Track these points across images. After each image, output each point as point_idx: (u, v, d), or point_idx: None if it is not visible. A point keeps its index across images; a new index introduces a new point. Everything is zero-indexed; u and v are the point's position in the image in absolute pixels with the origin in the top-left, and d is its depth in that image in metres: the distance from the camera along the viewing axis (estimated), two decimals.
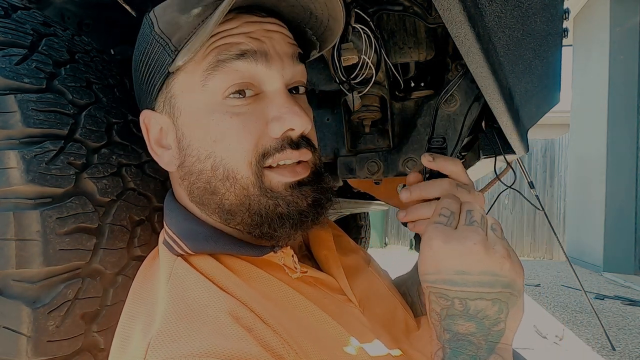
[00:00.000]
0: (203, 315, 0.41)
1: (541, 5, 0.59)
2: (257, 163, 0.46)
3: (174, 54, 0.45)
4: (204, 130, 0.47)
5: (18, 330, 0.46)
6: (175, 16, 0.46)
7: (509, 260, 0.42)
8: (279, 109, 0.46)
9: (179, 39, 0.45)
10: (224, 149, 0.46)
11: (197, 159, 0.47)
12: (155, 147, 0.51)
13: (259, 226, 0.48)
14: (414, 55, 0.70)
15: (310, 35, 0.54)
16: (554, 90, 0.92)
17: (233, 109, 0.46)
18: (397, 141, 0.77)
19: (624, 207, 4.49)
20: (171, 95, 0.48)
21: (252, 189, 0.47)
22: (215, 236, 0.49)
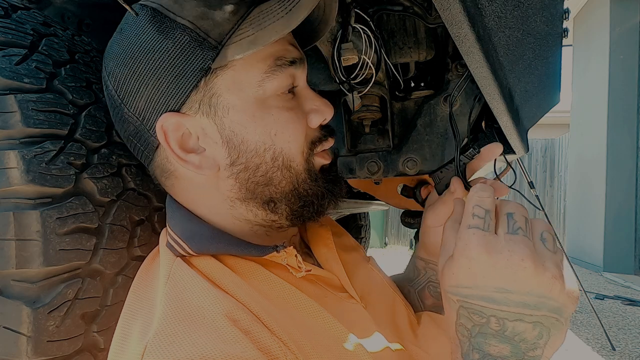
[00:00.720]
0: (200, 317, 0.41)
1: (541, 5, 0.59)
2: (309, 151, 0.52)
3: (217, 49, 0.44)
4: (262, 126, 0.48)
5: (18, 330, 0.46)
6: (205, 11, 0.45)
7: (560, 281, 0.37)
8: (314, 103, 0.52)
9: (219, 34, 0.44)
10: (284, 140, 0.49)
11: (255, 154, 0.48)
12: (180, 152, 0.47)
13: (306, 206, 0.52)
14: (414, 55, 0.70)
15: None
16: (554, 90, 0.92)
17: (286, 104, 0.49)
18: (397, 141, 0.77)
19: (624, 207, 4.49)
20: (213, 93, 0.46)
21: (303, 174, 0.51)
22: (218, 236, 0.49)
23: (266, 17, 0.44)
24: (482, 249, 0.38)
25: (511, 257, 0.37)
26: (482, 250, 0.38)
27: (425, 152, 0.75)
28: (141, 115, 0.47)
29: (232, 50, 0.44)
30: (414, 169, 0.75)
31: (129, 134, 0.50)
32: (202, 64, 0.44)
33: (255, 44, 0.43)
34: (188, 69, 0.44)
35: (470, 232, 0.40)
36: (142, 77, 0.46)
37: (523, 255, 0.37)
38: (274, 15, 0.43)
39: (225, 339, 0.38)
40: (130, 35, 0.47)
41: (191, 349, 0.37)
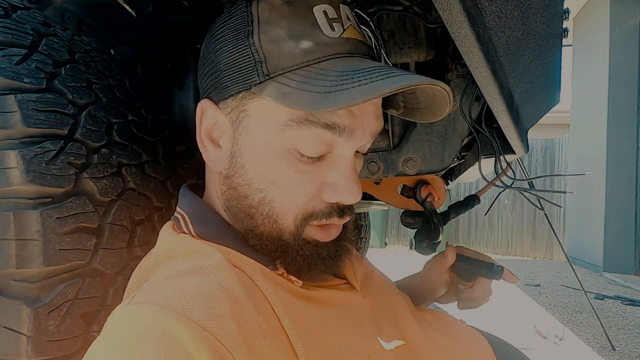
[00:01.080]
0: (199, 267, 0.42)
1: (541, 5, 0.59)
2: (302, 220, 0.47)
3: (263, 78, 0.43)
4: (265, 167, 0.46)
5: (18, 330, 0.46)
6: (281, 36, 0.43)
7: None
8: (338, 178, 0.46)
9: (275, 65, 0.43)
10: (279, 194, 0.46)
11: (248, 186, 0.47)
12: (204, 137, 0.50)
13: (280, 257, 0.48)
14: (414, 55, 0.70)
15: (400, 101, 0.52)
16: (554, 90, 0.92)
17: (300, 165, 0.45)
18: (397, 141, 0.77)
19: (624, 207, 4.49)
20: (244, 109, 0.46)
21: (287, 236, 0.47)
22: (225, 228, 0.49)
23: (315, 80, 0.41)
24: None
25: None
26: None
27: (425, 152, 0.75)
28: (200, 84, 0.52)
29: (270, 89, 0.43)
30: (414, 169, 0.75)
31: None
32: (247, 82, 0.44)
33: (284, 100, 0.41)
34: (236, 77, 0.45)
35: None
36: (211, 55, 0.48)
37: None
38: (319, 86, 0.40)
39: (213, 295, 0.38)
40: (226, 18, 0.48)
41: (181, 291, 0.37)
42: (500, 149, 0.78)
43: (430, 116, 0.50)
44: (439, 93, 0.45)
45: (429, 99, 0.48)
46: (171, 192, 0.65)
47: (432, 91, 0.46)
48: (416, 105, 0.51)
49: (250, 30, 0.44)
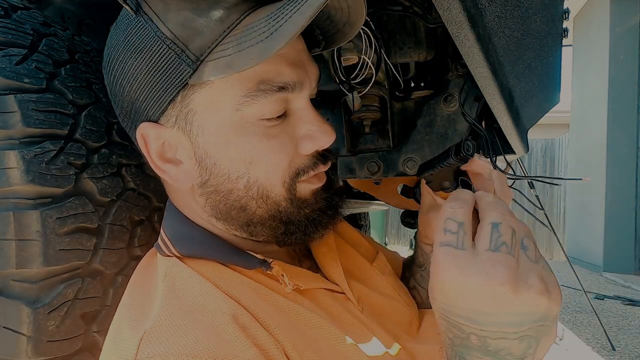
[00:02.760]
0: (200, 312, 0.41)
1: (541, 5, 0.59)
2: (291, 181, 0.47)
3: (194, 65, 0.40)
4: (237, 152, 0.44)
5: (18, 330, 0.46)
6: (188, 17, 0.40)
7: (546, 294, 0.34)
8: (309, 128, 0.47)
9: (199, 47, 0.40)
10: (260, 170, 0.45)
11: (227, 179, 0.45)
12: (158, 161, 0.46)
13: (292, 233, 0.48)
14: (414, 55, 0.70)
15: (318, 34, 0.51)
16: (554, 90, 0.92)
17: (267, 131, 0.44)
18: (397, 141, 0.77)
19: (624, 207, 4.49)
20: (189, 110, 0.43)
21: (284, 203, 0.47)
22: (208, 242, 0.49)
23: (249, 35, 0.38)
24: (456, 271, 0.34)
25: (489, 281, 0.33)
26: (456, 273, 0.34)
27: (425, 152, 0.75)
28: (126, 116, 0.47)
29: (209, 69, 0.39)
30: (414, 169, 0.75)
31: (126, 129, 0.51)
32: (179, 79, 0.41)
33: (231, 68, 0.38)
34: (166, 81, 0.42)
35: (442, 250, 0.36)
36: (125, 81, 0.44)
37: (503, 279, 0.33)
38: (256, 37, 0.37)
39: (224, 336, 0.38)
40: (119, 35, 0.44)
41: (188, 345, 0.37)
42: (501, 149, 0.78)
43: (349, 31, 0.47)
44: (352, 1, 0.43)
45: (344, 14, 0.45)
46: None
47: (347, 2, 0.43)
48: (333, 29, 0.48)
49: (155, 27, 0.41)
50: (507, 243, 0.35)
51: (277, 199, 0.47)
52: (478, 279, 0.33)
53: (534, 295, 0.33)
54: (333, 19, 0.47)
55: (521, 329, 0.34)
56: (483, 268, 0.34)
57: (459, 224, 0.36)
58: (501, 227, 0.35)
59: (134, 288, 0.49)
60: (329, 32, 0.49)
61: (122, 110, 0.47)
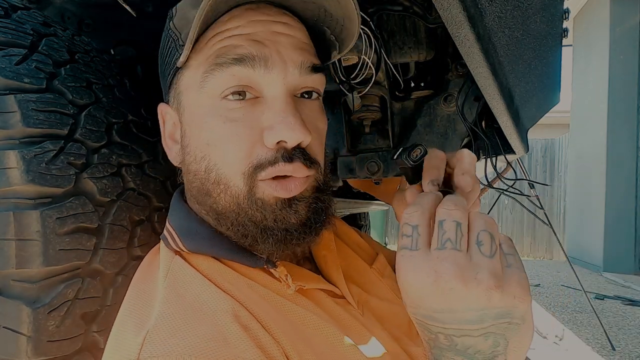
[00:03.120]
0: (201, 312, 0.41)
1: (541, 5, 0.59)
2: (250, 175, 0.44)
3: (181, 49, 0.45)
4: (200, 132, 0.46)
5: (18, 330, 0.46)
6: (187, 11, 0.46)
7: (497, 290, 0.34)
8: (272, 117, 0.43)
9: (186, 34, 0.44)
10: (217, 154, 0.45)
11: (194, 159, 0.47)
12: (168, 140, 0.52)
13: (244, 237, 0.46)
14: (414, 55, 0.70)
15: (329, 35, 0.51)
16: (554, 90, 0.92)
17: (228, 113, 0.44)
18: (397, 141, 0.77)
19: (624, 207, 4.50)
20: (179, 91, 0.49)
21: (242, 199, 0.45)
22: (214, 239, 0.48)
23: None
24: (410, 272, 0.35)
25: (438, 279, 0.34)
26: (410, 275, 0.35)
27: None
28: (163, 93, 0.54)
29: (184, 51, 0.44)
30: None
31: None
32: (174, 62, 0.47)
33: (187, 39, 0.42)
34: (168, 64, 0.49)
35: (400, 254, 0.37)
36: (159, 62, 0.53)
37: (449, 275, 0.34)
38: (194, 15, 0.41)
39: (226, 335, 0.38)
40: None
41: (190, 345, 0.37)
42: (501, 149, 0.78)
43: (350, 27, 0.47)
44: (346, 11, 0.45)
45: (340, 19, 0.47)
46: (171, 192, 0.65)
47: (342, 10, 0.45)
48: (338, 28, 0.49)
49: (170, 19, 0.48)
50: (451, 239, 0.35)
51: (236, 192, 0.45)
52: (428, 278, 0.35)
53: (484, 290, 0.34)
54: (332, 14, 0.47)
55: (482, 326, 0.35)
56: (431, 266, 0.35)
57: (413, 227, 0.37)
58: (445, 223, 0.36)
59: (136, 286, 0.49)
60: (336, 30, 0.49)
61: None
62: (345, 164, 0.79)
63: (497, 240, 0.36)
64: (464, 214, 0.37)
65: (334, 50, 0.53)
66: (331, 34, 0.50)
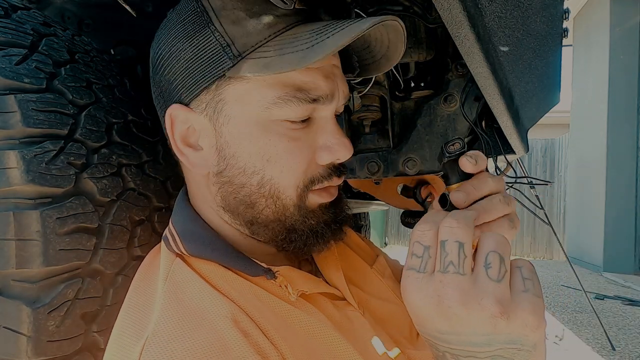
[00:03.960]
0: (200, 318, 0.40)
1: (541, 5, 0.59)
2: (304, 187, 0.48)
3: (235, 60, 0.43)
4: (257, 147, 0.46)
5: (18, 330, 0.46)
6: (241, 17, 0.44)
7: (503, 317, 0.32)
8: (329, 139, 0.48)
9: (243, 44, 0.43)
10: (276, 169, 0.46)
11: (242, 172, 0.47)
12: (180, 144, 0.49)
13: (292, 241, 0.49)
14: (414, 55, 0.70)
15: (355, 62, 0.53)
16: (554, 90, 0.92)
17: (290, 133, 0.46)
18: (397, 141, 0.77)
19: (624, 207, 4.50)
20: (220, 99, 0.46)
21: (292, 209, 0.48)
22: (215, 244, 0.48)
23: (292, 43, 0.42)
24: (414, 294, 0.35)
25: (440, 304, 0.34)
26: (415, 296, 0.35)
27: (425, 152, 0.75)
28: (161, 95, 0.50)
29: (247, 66, 0.43)
30: (414, 169, 0.75)
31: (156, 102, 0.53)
32: (218, 69, 0.44)
33: (268, 69, 0.41)
34: (206, 68, 0.45)
35: (406, 274, 0.37)
36: (169, 60, 0.47)
37: (451, 301, 0.33)
38: (298, 46, 0.41)
39: (225, 340, 0.38)
40: (172, 20, 0.48)
41: (191, 349, 0.37)
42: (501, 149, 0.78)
43: (385, 64, 0.50)
44: (394, 37, 0.46)
45: (384, 47, 0.48)
46: (171, 192, 0.65)
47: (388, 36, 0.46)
48: (371, 60, 0.51)
49: (209, 19, 0.44)
50: (453, 262, 0.34)
51: (287, 203, 0.47)
52: (431, 302, 0.34)
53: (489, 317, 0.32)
54: (372, 50, 0.50)
55: (489, 349, 0.33)
56: (434, 290, 0.34)
57: (425, 248, 0.37)
58: (446, 244, 0.35)
59: (136, 289, 0.49)
60: (365, 62, 0.52)
61: (157, 88, 0.51)
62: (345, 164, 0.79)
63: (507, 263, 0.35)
64: (467, 232, 0.35)
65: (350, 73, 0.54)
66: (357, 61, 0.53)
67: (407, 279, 0.37)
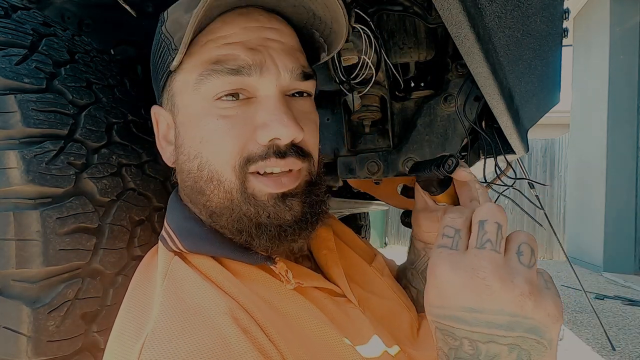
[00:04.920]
0: (199, 315, 0.41)
1: (541, 5, 0.59)
2: (240, 168, 0.45)
3: (174, 53, 0.46)
4: (194, 130, 0.47)
5: (18, 330, 0.46)
6: (179, 15, 0.47)
7: (531, 298, 0.34)
8: (266, 116, 0.45)
9: (179, 37, 0.45)
10: (210, 150, 0.46)
11: (187, 158, 0.49)
12: (162, 141, 0.54)
13: (239, 232, 0.47)
14: (414, 55, 0.70)
15: (318, 37, 0.53)
16: (554, 90, 0.92)
17: (222, 111, 0.46)
18: (397, 141, 0.77)
19: (624, 207, 4.50)
20: (172, 93, 0.50)
21: (235, 194, 0.46)
22: (212, 238, 0.49)
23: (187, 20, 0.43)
24: (447, 267, 0.37)
25: (474, 277, 0.35)
26: (447, 269, 0.36)
27: (425, 152, 0.75)
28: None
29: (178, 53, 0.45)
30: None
31: None
32: (166, 66, 0.49)
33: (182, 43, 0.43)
34: (160, 69, 0.50)
35: (438, 251, 0.39)
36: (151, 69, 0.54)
37: (485, 272, 0.34)
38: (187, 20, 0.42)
39: (225, 337, 0.38)
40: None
41: (192, 346, 0.37)
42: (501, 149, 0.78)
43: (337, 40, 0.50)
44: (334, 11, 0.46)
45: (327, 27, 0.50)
46: (171, 192, 0.65)
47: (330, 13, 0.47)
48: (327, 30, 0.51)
49: (161, 24, 0.50)
50: (491, 240, 0.36)
51: (229, 187, 0.46)
52: (464, 274, 0.35)
53: (518, 295, 0.34)
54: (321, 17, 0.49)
55: (510, 334, 0.34)
56: (469, 264, 0.36)
57: (456, 231, 0.39)
58: (486, 224, 0.37)
59: (134, 289, 0.49)
60: (325, 33, 0.51)
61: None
62: (345, 164, 0.79)
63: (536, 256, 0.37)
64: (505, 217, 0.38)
65: (323, 52, 0.55)
66: (320, 36, 0.52)
67: (439, 255, 0.38)
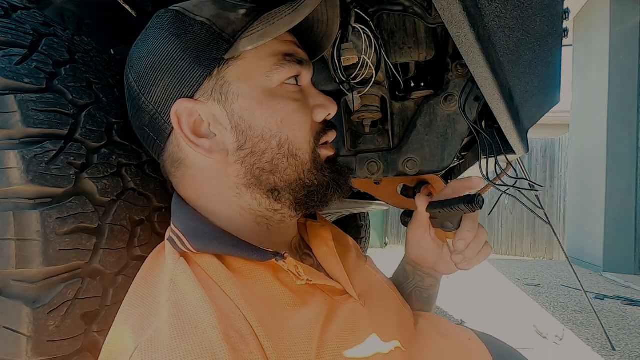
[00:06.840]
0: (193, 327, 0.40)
1: (541, 5, 0.59)
2: (314, 141, 0.54)
3: (230, 42, 0.49)
4: (269, 113, 0.51)
5: (18, 330, 0.46)
6: (221, 13, 0.51)
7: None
8: (318, 99, 0.56)
9: (233, 30, 0.50)
10: (290, 128, 0.52)
11: (262, 139, 0.51)
12: (192, 137, 0.50)
13: (312, 196, 0.54)
14: (414, 55, 0.70)
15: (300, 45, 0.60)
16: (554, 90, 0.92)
17: (293, 95, 0.53)
18: (397, 141, 0.77)
19: (624, 207, 4.49)
20: (225, 82, 0.50)
21: (309, 164, 0.54)
22: (220, 237, 0.49)
23: (275, 16, 0.49)
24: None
25: None
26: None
27: (425, 152, 0.75)
28: (157, 103, 0.51)
29: (244, 43, 0.48)
30: (414, 169, 0.75)
31: (143, 125, 0.53)
32: (215, 55, 0.49)
33: (265, 36, 0.47)
34: (203, 58, 0.49)
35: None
36: (161, 66, 0.50)
37: None
38: (282, 15, 0.48)
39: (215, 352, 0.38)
40: (153, 32, 0.52)
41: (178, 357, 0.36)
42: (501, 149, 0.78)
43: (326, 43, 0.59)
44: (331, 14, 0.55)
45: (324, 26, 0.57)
46: (171, 192, 0.65)
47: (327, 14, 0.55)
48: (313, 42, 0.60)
49: (192, 19, 0.50)
50: None
51: (304, 158, 0.53)
52: None
53: None
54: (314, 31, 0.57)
55: None
56: None
57: None
58: None
59: (138, 289, 0.48)
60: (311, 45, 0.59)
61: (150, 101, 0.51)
62: (345, 164, 0.79)
63: None
64: None
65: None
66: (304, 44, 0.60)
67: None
